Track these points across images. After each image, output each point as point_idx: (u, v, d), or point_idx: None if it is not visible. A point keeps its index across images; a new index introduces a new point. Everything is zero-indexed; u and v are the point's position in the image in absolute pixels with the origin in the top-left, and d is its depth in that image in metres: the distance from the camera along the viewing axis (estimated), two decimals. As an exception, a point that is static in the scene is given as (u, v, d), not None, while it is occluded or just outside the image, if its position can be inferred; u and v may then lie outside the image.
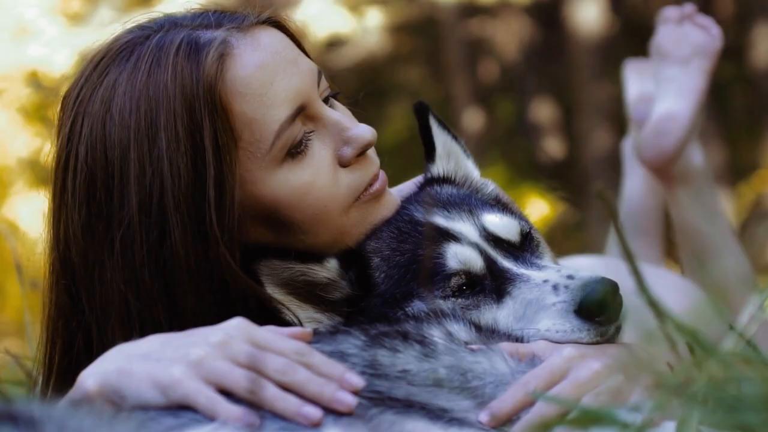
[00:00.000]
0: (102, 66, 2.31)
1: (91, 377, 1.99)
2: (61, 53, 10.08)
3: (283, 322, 2.22)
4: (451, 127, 2.66)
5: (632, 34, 14.15)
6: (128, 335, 2.16)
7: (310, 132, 2.30)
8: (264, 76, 2.26)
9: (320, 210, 2.29)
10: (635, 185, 4.46)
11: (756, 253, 11.35)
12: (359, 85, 15.79)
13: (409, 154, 15.31)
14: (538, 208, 13.47)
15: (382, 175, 2.40)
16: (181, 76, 2.22)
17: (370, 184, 2.36)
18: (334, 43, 14.09)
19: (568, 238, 13.80)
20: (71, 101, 2.32)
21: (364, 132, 2.33)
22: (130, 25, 2.39)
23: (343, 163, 2.33)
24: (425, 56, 15.42)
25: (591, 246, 12.82)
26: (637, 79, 4.43)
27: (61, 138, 2.31)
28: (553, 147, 14.52)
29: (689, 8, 4.19)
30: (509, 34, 14.15)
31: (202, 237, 2.20)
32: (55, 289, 2.33)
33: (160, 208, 2.20)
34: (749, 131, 13.50)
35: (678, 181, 4.04)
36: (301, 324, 2.25)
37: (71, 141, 2.28)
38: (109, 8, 11.55)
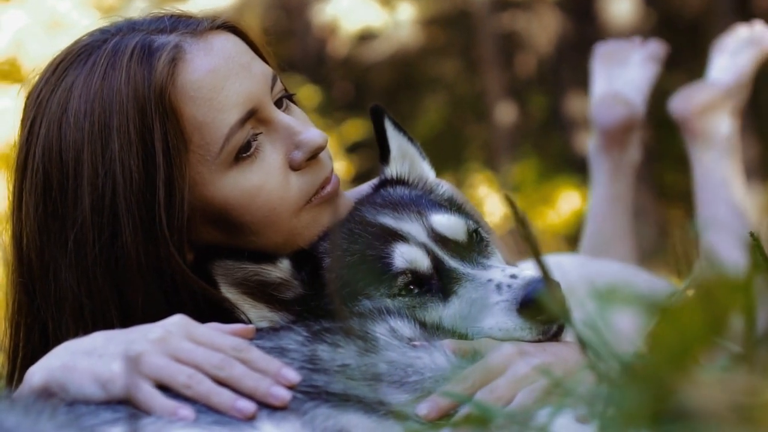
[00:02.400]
0: (61, 68, 2.37)
1: (38, 373, 2.06)
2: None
3: (235, 321, 2.27)
4: (486, 120, 2.71)
5: (667, 26, 14.07)
6: (81, 332, 2.22)
7: (259, 134, 2.35)
8: (214, 80, 2.31)
9: (270, 212, 2.35)
10: (600, 192, 4.60)
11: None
12: (393, 78, 15.86)
13: (443, 146, 15.37)
14: (571, 202, 13.44)
15: (335, 178, 2.44)
16: (133, 80, 2.28)
17: (322, 187, 2.40)
18: (366, 37, 14.15)
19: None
20: (32, 102, 2.39)
21: (315, 136, 2.38)
22: (93, 28, 2.45)
23: (294, 167, 2.37)
24: (459, 49, 15.45)
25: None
26: (604, 75, 4.67)
27: (21, 138, 2.38)
28: (586, 140, 14.48)
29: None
30: (542, 28, 14.12)
31: (153, 237, 2.26)
32: (16, 287, 2.40)
33: (112, 208, 2.26)
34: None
35: (699, 138, 4.55)
36: (250, 322, 2.29)
37: (30, 141, 2.36)
38: (144, 0, 11.66)
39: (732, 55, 4.67)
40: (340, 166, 14.74)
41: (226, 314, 2.29)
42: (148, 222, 2.26)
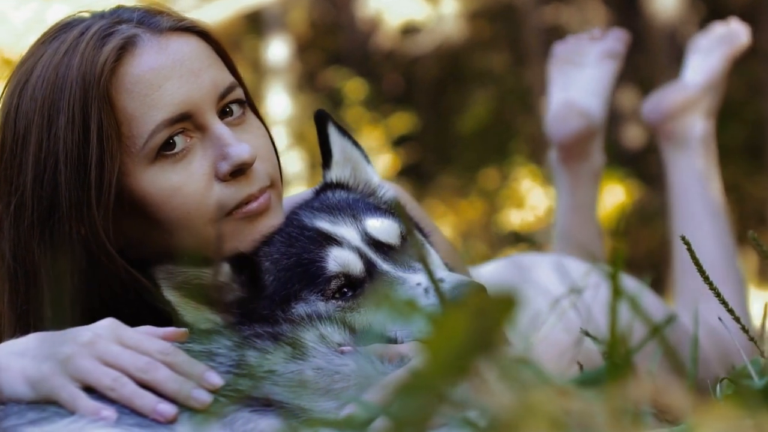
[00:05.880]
0: (41, 40, 2.50)
1: None
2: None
3: (159, 303, 2.35)
4: (532, 114, 2.71)
5: (715, 19, 13.90)
6: (13, 292, 2.42)
7: (189, 137, 2.42)
8: (154, 78, 2.39)
9: (185, 215, 2.41)
10: (563, 203, 4.61)
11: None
12: (440, 71, 15.87)
13: (490, 139, 15.33)
14: (615, 195, 13.37)
15: (264, 198, 2.47)
16: (85, 62, 2.38)
17: (246, 203, 2.45)
18: (410, 30, 14.19)
19: (645, 225, 13.67)
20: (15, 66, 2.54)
21: (241, 152, 2.41)
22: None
23: (219, 177, 2.43)
24: (507, 42, 15.40)
25: (668, 233, 12.68)
26: (559, 83, 4.66)
27: None
28: (633, 134, 14.39)
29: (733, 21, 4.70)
30: (587, 21, 14.03)
31: (83, 216, 2.36)
32: None
33: (52, 183, 2.38)
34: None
35: (674, 141, 4.49)
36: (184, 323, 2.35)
37: None
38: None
39: (705, 55, 4.59)
40: (387, 159, 14.81)
41: (151, 297, 2.37)
42: (81, 201, 2.36)
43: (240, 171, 2.42)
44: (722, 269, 4.06)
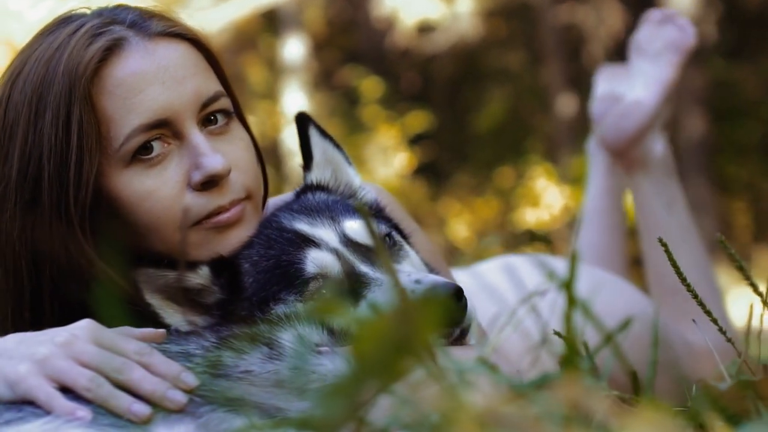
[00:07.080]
0: (39, 33, 2.53)
1: None
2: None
3: (133, 300, 2.37)
4: (548, 112, 2.70)
5: (732, 17, 13.85)
6: None
7: (168, 144, 2.43)
8: (136, 82, 2.41)
9: (154, 220, 2.43)
10: (596, 186, 4.57)
11: None
12: (457, 69, 15.86)
13: (506, 137, 15.27)
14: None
15: (235, 210, 2.48)
16: (73, 59, 2.41)
17: (217, 214, 2.46)
18: (425, 29, 14.18)
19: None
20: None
21: (214, 163, 2.42)
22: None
23: (191, 186, 2.44)
24: (523, 41, 15.38)
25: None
26: (606, 81, 4.61)
27: None
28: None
29: (671, 11, 4.56)
30: (602, 20, 13.99)
31: (62, 213, 2.39)
32: None
33: (35, 176, 2.41)
34: None
35: (638, 166, 4.32)
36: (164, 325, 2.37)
37: None
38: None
39: (653, 63, 4.36)
40: (403, 158, 14.81)
41: (128, 294, 2.38)
42: (60, 198, 2.39)
43: (212, 182, 2.44)
44: (699, 289, 3.96)
